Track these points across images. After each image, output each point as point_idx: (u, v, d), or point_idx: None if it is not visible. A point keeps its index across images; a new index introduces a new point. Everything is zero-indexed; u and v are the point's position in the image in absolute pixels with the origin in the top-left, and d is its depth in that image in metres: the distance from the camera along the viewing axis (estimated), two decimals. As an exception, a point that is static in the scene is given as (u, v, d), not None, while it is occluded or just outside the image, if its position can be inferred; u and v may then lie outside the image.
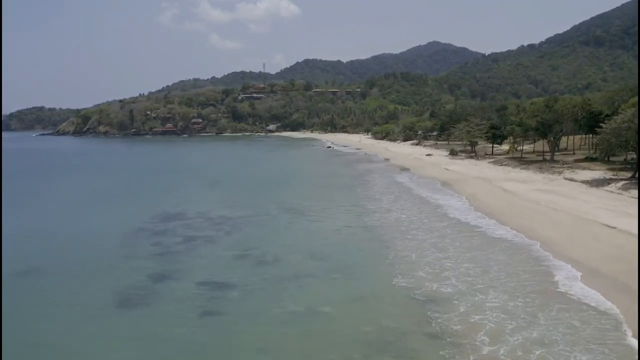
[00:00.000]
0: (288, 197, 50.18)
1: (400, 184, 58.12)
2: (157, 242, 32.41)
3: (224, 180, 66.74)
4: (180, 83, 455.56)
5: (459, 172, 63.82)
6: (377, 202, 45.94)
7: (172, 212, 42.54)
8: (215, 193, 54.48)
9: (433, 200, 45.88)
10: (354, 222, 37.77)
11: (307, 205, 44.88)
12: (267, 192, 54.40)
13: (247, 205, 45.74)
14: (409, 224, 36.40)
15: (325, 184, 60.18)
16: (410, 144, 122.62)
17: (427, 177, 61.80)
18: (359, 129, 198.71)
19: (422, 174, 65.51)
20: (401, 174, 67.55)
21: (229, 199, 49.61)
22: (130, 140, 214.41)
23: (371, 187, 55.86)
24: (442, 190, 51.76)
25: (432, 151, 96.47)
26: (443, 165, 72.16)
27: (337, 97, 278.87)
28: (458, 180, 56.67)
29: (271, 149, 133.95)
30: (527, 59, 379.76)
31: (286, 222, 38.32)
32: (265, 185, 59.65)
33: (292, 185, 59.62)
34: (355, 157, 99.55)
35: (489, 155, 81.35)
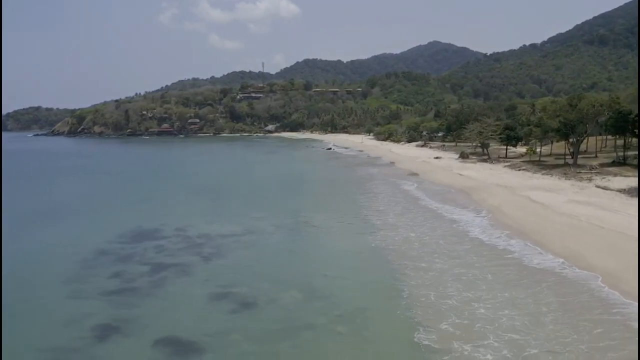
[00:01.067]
0: (282, 208, 43.96)
1: (409, 192, 51.81)
2: (115, 273, 26.10)
3: (214, 186, 60.45)
4: (179, 83, 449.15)
5: (474, 178, 57.51)
6: (383, 216, 39.67)
7: (146, 228, 36.27)
8: (201, 203, 48.16)
9: (447, 214, 39.61)
10: (358, 243, 31.51)
11: (304, 220, 38.68)
12: (259, 202, 48.20)
13: (235, 218, 39.51)
14: (422, 247, 30.17)
15: (324, 192, 54.00)
16: (416, 145, 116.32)
17: (439, 184, 55.47)
18: (361, 130, 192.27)
19: (433, 179, 59.19)
20: (409, 179, 61.21)
21: (216, 211, 43.34)
22: (124, 141, 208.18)
23: (376, 196, 49.55)
24: (457, 200, 45.44)
25: (440, 153, 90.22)
26: (455, 169, 65.84)
27: (338, 96, 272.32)
28: (475, 188, 50.38)
29: (268, 151, 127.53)
30: (530, 59, 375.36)
31: (279, 243, 32.05)
32: (257, 194, 53.45)
33: (287, 194, 53.35)
34: (358, 160, 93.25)
35: (503, 159, 75.10)
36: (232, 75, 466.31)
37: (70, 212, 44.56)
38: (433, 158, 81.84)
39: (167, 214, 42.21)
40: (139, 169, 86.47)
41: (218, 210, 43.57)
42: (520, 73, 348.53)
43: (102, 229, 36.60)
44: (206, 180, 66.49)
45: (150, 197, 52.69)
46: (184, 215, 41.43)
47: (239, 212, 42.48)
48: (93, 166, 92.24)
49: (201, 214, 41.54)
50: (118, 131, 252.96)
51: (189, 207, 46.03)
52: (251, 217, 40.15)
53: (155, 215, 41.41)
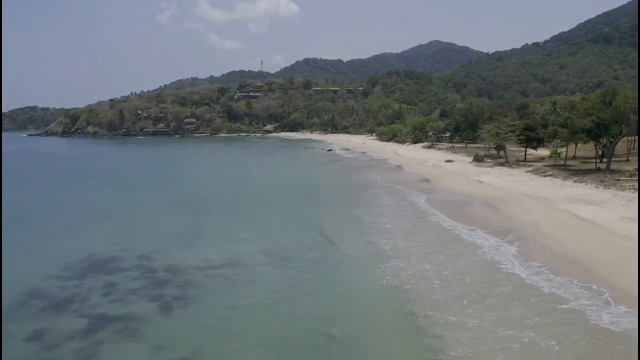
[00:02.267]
0: (273, 227, 36.71)
1: (421, 204, 44.49)
2: (35, 333, 18.78)
3: (198, 196, 53.08)
4: (178, 82, 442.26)
5: (496, 185, 50.20)
6: (391, 237, 32.43)
7: (101, 256, 29.00)
8: (179, 218, 40.79)
9: (470, 236, 32.45)
10: (367, 282, 24.30)
11: (298, 244, 31.42)
12: (246, 217, 40.91)
13: (216, 241, 32.28)
14: (445, 287, 23.15)
15: (323, 204, 46.74)
16: (422, 146, 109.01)
17: (457, 193, 48.14)
18: (362, 130, 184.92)
19: (448, 187, 51.87)
20: (420, 187, 53.86)
21: (195, 229, 36.02)
22: (117, 142, 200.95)
23: (382, 210, 42.23)
24: (482, 216, 38.07)
25: (451, 156, 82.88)
26: (472, 175, 58.51)
27: (338, 95, 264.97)
28: (501, 199, 43.09)
29: (265, 153, 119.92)
30: (533, 57, 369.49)
31: (267, 282, 24.75)
32: (246, 206, 46.11)
33: (281, 207, 46.02)
34: (360, 163, 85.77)
35: (522, 162, 67.82)
36: (231, 75, 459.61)
37: (18, 227, 37.20)
38: (444, 161, 74.53)
39: (135, 233, 34.95)
40: (121, 173, 79.04)
41: (197, 229, 36.26)
42: (523, 72, 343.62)
43: (45, 256, 29.36)
44: (190, 189, 59.08)
45: (122, 209, 45.28)
46: (154, 235, 34.17)
47: (222, 232, 35.22)
48: (72, 169, 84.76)
49: (176, 235, 34.24)
50: (112, 131, 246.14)
51: (163, 224, 38.68)
52: (236, 238, 32.90)
53: (120, 236, 34.10)
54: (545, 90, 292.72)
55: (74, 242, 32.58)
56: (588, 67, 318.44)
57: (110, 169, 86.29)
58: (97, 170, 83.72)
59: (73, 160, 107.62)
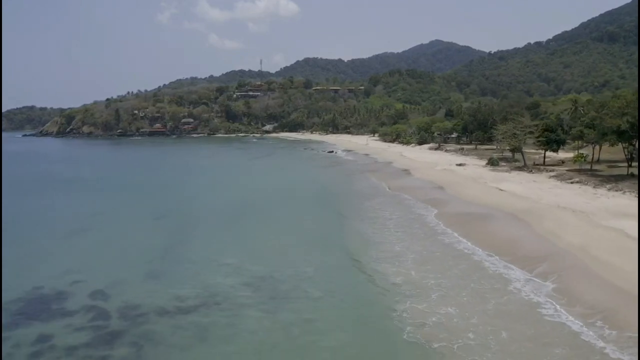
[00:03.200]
0: (265, 246, 30.87)
1: (427, 218, 38.69)
2: None
3: (184, 206, 47.05)
4: (177, 82, 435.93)
5: (520, 194, 44.24)
6: (403, 265, 26.63)
7: (45, 292, 23.11)
8: (155, 237, 34.76)
9: (503, 268, 26.64)
10: (381, 334, 18.61)
11: (294, 274, 25.54)
12: (234, 234, 35.02)
13: (192, 271, 26.37)
14: (482, 345, 17.31)
15: (322, 215, 40.95)
16: (428, 148, 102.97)
17: (476, 204, 42.15)
18: (364, 130, 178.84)
19: (465, 196, 45.89)
20: (433, 196, 48.00)
21: (170, 253, 30.09)
22: (111, 142, 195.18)
23: (387, 223, 36.49)
24: (511, 236, 32.16)
25: (462, 159, 76.92)
26: (489, 181, 52.55)
27: (339, 95, 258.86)
28: (530, 212, 37.10)
29: (263, 155, 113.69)
30: (537, 56, 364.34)
31: (249, 337, 18.72)
32: (235, 219, 40.18)
33: (275, 220, 40.20)
34: (364, 166, 79.69)
35: (542, 166, 61.85)
36: (231, 75, 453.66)
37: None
38: (455, 165, 68.58)
39: (99, 258, 29.10)
40: (105, 177, 73.20)
41: (175, 251, 30.36)
42: (527, 71, 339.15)
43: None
44: (178, 196, 53.21)
45: (93, 224, 39.26)
46: (121, 261, 28.31)
47: (204, 255, 29.32)
48: (52, 173, 78.54)
49: (148, 259, 28.33)
50: (108, 131, 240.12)
51: (136, 244, 32.75)
52: (219, 265, 27.09)
53: (79, 260, 28.26)
54: (549, 90, 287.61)
55: (19, 269, 26.70)
56: (593, 66, 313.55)
57: (95, 172, 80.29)
58: (79, 173, 77.75)
59: (57, 162, 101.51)
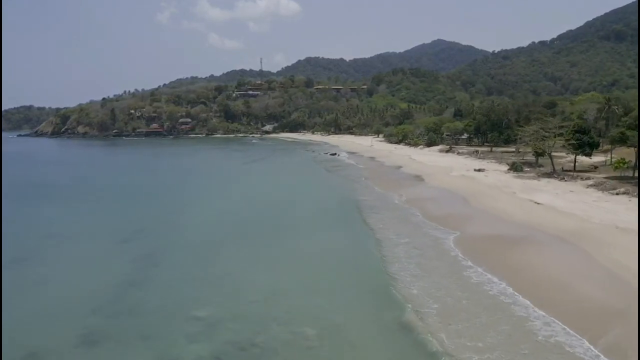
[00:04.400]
0: (246, 290, 23.90)
1: (447, 244, 31.68)
2: None
3: (154, 228, 39.00)
4: (177, 82, 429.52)
5: (561, 209, 37.10)
6: (424, 318, 19.84)
7: None
8: (104, 276, 26.97)
9: (570, 339, 19.60)
10: None
11: (279, 347, 18.58)
12: (209, 266, 28.05)
13: (139, 335, 19.31)
14: None
15: (317, 245, 33.87)
16: (439, 150, 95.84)
17: (509, 222, 35.15)
18: (368, 130, 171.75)
19: (494, 211, 38.81)
20: (455, 212, 40.96)
21: (115, 305, 22.81)
22: (105, 143, 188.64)
23: (404, 250, 29.51)
24: (571, 272, 25.18)
25: (478, 163, 69.82)
26: (519, 191, 45.40)
27: (341, 94, 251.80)
28: (582, 235, 29.97)
29: (260, 158, 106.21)
30: (542, 55, 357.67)
31: None
32: (215, 244, 33.10)
33: (264, 245, 33.21)
34: (370, 173, 72.21)
35: (572, 173, 54.73)
36: (231, 74, 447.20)
37: None
38: (474, 170, 61.50)
39: (17, 310, 22.00)
40: (84, 182, 66.34)
41: (127, 297, 23.24)
42: (533, 70, 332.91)
43: None
44: (156, 210, 46.01)
45: (41, 247, 32.06)
46: (47, 315, 21.27)
47: (166, 305, 22.24)
48: (31, 177, 71.61)
49: (86, 312, 21.26)
50: (103, 131, 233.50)
51: (78, 285, 25.40)
52: (183, 321, 20.16)
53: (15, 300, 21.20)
54: (557, 89, 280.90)
55: None
56: (601, 65, 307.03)
57: (74, 176, 73.27)
58: (56, 177, 70.79)
59: (38, 164, 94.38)
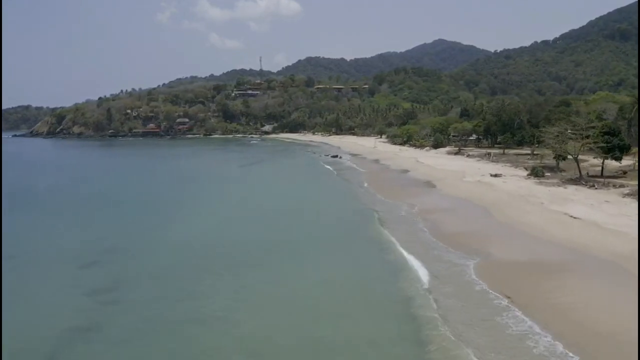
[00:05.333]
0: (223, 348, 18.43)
1: (468, 273, 26.23)
2: None
3: (124, 248, 33.12)
4: (177, 81, 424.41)
5: (607, 227, 31.58)
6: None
7: None
8: (49, 319, 21.68)
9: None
10: None
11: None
12: (177, 307, 22.54)
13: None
14: None
15: (316, 263, 28.44)
16: (447, 152, 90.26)
17: (547, 242, 29.69)
18: (370, 131, 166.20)
19: (523, 227, 33.38)
20: (477, 228, 35.49)
21: (67, 350, 17.61)
22: (100, 143, 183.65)
23: (417, 289, 24.07)
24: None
25: (493, 167, 64.30)
26: (547, 201, 39.88)
27: (343, 94, 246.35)
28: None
29: (255, 161, 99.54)
30: (546, 55, 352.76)
31: None
32: (187, 271, 27.63)
33: (248, 275, 27.70)
34: (374, 178, 66.42)
35: (600, 179, 49.29)
36: (231, 74, 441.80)
37: None
38: (490, 176, 55.98)
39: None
40: (62, 187, 60.87)
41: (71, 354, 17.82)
42: (536, 70, 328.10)
43: None
44: (133, 224, 40.37)
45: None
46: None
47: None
48: (9, 182, 66.06)
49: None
50: (99, 131, 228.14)
51: (13, 333, 20.07)
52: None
53: None
54: (561, 89, 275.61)
55: None
56: (606, 64, 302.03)
57: (54, 180, 67.78)
58: (34, 183, 65.22)
59: (20, 167, 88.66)
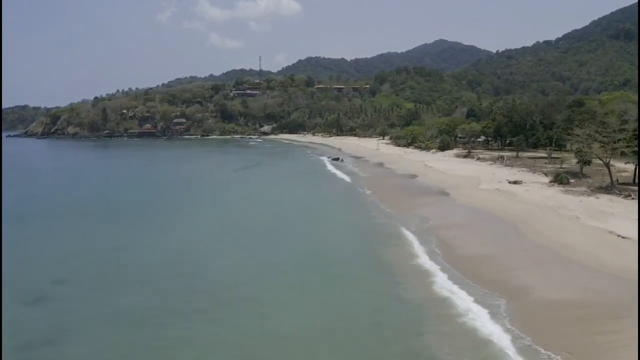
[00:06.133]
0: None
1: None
2: None
3: (74, 281, 27.36)
4: (176, 81, 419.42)
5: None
6: None
7: None
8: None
9: None
10: None
11: None
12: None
13: None
14: None
15: (302, 318, 23.22)
16: (455, 155, 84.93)
17: (595, 270, 24.45)
18: (371, 132, 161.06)
19: (559, 248, 28.18)
20: (508, 257, 30.21)
21: None
22: (93, 144, 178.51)
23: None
24: None
25: (508, 172, 59.01)
26: (582, 215, 34.63)
27: (343, 94, 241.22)
28: None
29: (251, 164, 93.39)
30: (549, 55, 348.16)
31: None
32: (153, 313, 22.42)
33: (226, 318, 22.48)
34: (379, 183, 61.28)
35: (633, 186, 44.06)
36: (231, 74, 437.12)
37: None
38: (507, 182, 50.70)
39: None
40: (34, 198, 55.58)
41: None
42: (540, 70, 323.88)
43: None
44: (91, 248, 34.38)
45: None
46: None
47: None
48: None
49: None
50: (94, 132, 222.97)
51: None
52: None
53: None
54: (565, 89, 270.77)
55: None
56: (610, 64, 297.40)
57: (28, 189, 62.46)
58: (19, 189, 60.10)
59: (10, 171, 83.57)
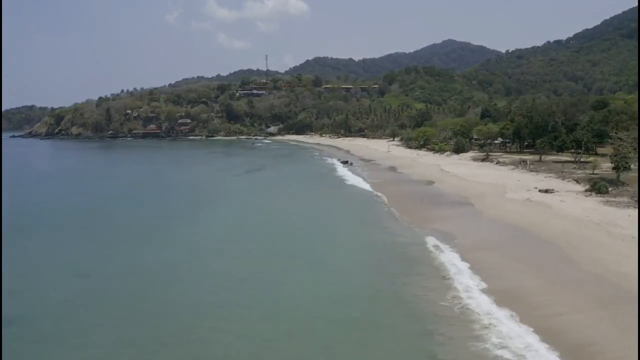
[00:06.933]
0: None
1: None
2: None
3: (34, 316, 23.35)
4: (183, 81, 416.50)
5: None
6: None
7: None
8: None
9: None
10: None
11: None
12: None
13: None
14: None
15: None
16: (472, 158, 79.58)
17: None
18: (381, 132, 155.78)
19: (622, 280, 23.11)
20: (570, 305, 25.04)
21: None
22: (96, 145, 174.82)
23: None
24: None
25: (535, 178, 53.72)
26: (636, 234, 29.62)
27: (351, 94, 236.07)
28: None
29: (253, 168, 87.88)
30: (561, 54, 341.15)
31: None
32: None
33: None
34: (392, 191, 56.32)
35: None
36: (238, 74, 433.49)
37: None
38: (538, 191, 45.49)
39: None
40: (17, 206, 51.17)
41: None
42: (551, 70, 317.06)
43: None
44: (65, 272, 30.02)
45: None
46: None
47: None
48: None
49: None
50: (98, 132, 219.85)
51: None
52: None
53: None
54: (578, 89, 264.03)
55: None
56: (625, 64, 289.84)
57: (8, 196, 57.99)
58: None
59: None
